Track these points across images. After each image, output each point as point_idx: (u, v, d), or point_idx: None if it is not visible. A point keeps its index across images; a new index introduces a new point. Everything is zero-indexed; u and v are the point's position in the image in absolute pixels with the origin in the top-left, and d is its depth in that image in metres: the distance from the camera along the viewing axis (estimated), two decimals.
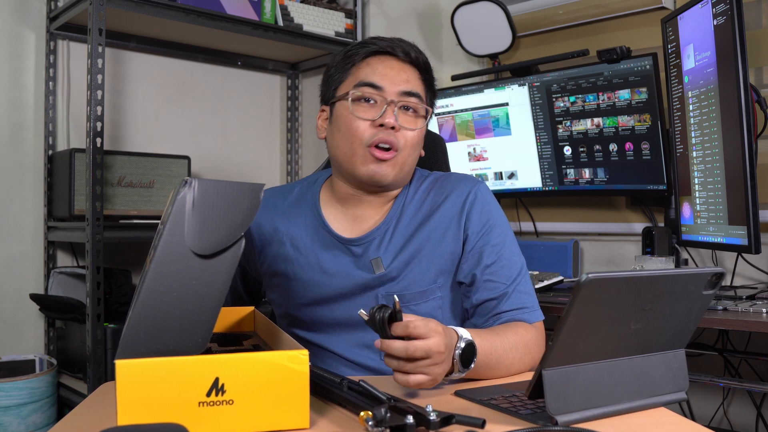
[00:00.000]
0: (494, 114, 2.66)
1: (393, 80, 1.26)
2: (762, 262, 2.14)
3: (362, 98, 1.25)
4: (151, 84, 2.56)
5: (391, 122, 1.23)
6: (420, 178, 1.37)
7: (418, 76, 1.30)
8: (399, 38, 1.31)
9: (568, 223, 2.71)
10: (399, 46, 1.29)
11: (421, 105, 1.28)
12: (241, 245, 0.86)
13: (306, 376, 0.86)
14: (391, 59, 1.28)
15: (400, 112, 1.26)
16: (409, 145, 1.27)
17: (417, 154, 1.31)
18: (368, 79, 1.26)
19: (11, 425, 1.98)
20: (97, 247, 2.01)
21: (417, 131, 1.28)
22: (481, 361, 1.10)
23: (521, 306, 1.26)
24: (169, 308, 0.83)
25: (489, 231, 1.29)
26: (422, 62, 1.31)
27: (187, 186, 0.83)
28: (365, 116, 1.24)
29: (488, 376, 1.15)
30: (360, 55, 1.29)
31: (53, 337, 2.32)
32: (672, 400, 0.98)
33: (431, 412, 0.83)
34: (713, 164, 1.85)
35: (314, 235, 1.32)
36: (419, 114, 1.29)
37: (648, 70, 2.21)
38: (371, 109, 1.25)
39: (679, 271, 0.94)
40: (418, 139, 1.29)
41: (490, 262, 1.27)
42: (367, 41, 1.31)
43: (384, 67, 1.27)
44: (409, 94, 1.27)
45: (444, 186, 1.33)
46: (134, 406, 0.79)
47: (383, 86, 1.25)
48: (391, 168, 1.25)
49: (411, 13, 3.04)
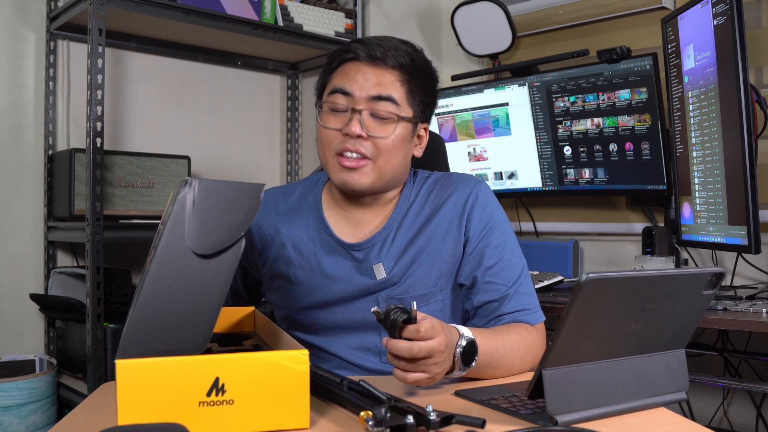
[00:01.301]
0: (494, 114, 2.66)
1: (362, 86, 1.23)
2: (762, 262, 2.14)
3: (333, 108, 1.25)
4: (151, 84, 2.56)
5: (354, 131, 1.21)
6: (421, 180, 1.36)
7: (398, 78, 1.25)
8: (380, 41, 1.26)
9: (568, 223, 2.71)
10: (376, 50, 1.24)
11: (394, 110, 1.23)
12: (241, 245, 0.87)
13: (306, 376, 0.86)
14: (364, 65, 1.24)
15: (371, 119, 1.23)
16: (384, 152, 1.23)
17: (399, 158, 1.26)
18: (339, 86, 1.24)
19: (11, 425, 1.98)
20: (97, 247, 2.01)
21: (392, 137, 1.23)
22: (482, 360, 1.10)
23: (523, 308, 1.25)
24: (169, 308, 0.83)
25: (490, 232, 1.28)
26: (401, 65, 1.24)
27: (187, 186, 0.84)
28: (333, 125, 1.24)
29: (489, 375, 1.15)
30: (336, 61, 1.28)
31: (53, 337, 2.32)
32: (672, 400, 0.98)
33: (431, 412, 0.83)
34: (713, 164, 1.85)
35: (316, 238, 1.31)
36: (392, 120, 1.23)
37: (648, 70, 2.21)
38: (339, 118, 1.24)
39: (679, 271, 0.94)
40: (395, 144, 1.24)
41: (491, 264, 1.26)
42: (346, 46, 1.28)
43: (356, 72, 1.24)
44: (379, 99, 1.23)
45: (445, 187, 1.33)
46: (134, 406, 0.79)
47: (352, 92, 1.23)
48: (364, 176, 1.23)
49: (411, 13, 3.04)
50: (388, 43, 1.26)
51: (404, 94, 1.25)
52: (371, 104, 1.23)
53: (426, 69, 1.30)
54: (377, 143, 1.23)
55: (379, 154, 1.23)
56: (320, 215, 1.32)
